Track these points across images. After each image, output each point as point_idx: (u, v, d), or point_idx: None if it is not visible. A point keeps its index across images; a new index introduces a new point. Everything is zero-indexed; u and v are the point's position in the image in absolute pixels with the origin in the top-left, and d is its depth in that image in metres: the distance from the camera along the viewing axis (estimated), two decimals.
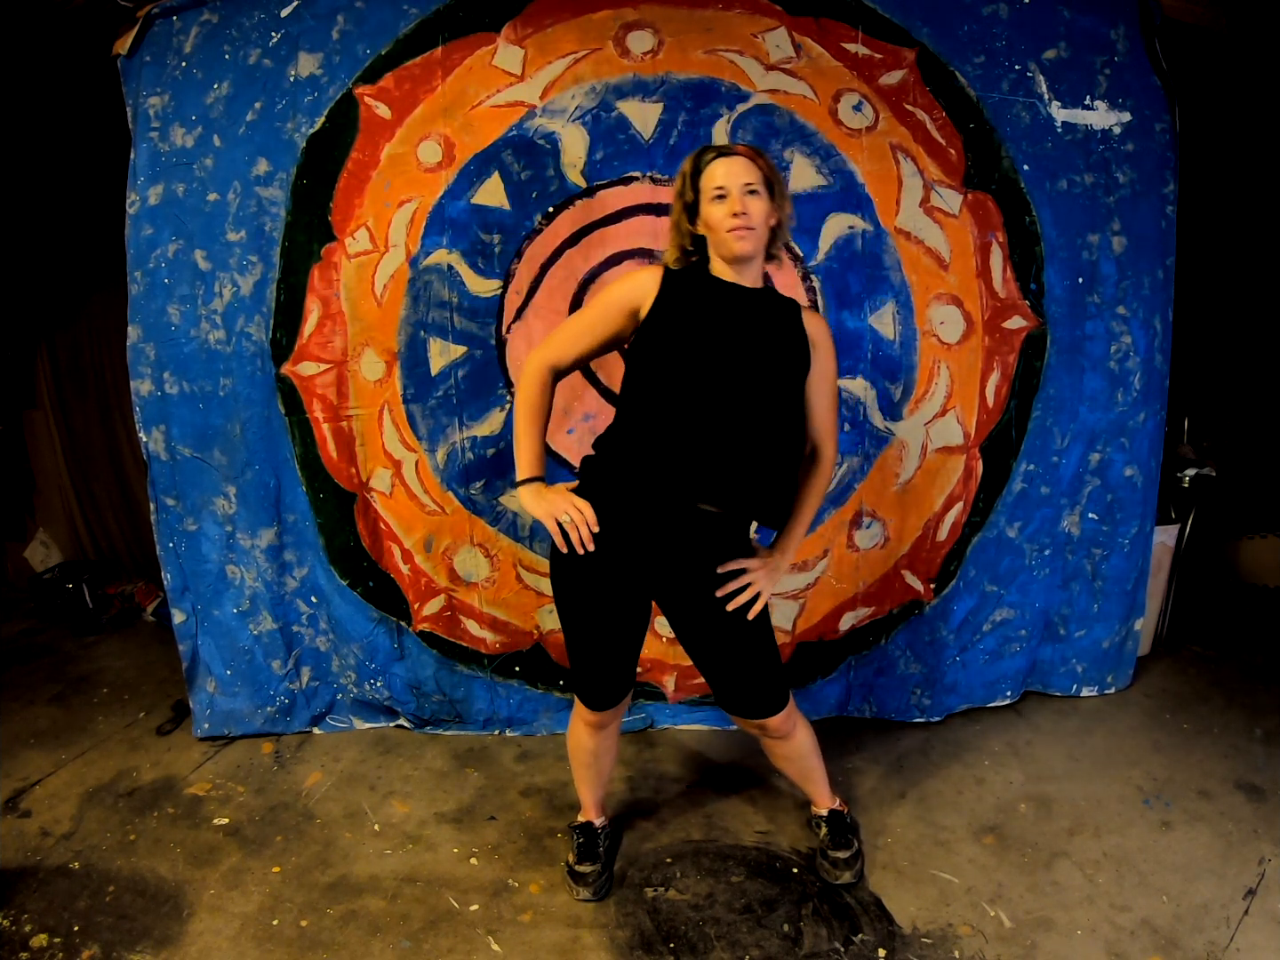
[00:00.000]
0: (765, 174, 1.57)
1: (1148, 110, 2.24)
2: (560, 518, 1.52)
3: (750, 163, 1.56)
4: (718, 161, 1.57)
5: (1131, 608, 2.53)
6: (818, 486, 1.74)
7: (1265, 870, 1.81)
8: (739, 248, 1.54)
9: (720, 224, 1.54)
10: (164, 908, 1.80)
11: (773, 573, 1.65)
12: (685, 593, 1.62)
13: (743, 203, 1.53)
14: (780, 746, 1.80)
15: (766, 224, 1.58)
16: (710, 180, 1.56)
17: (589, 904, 1.79)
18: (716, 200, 1.55)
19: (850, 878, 1.82)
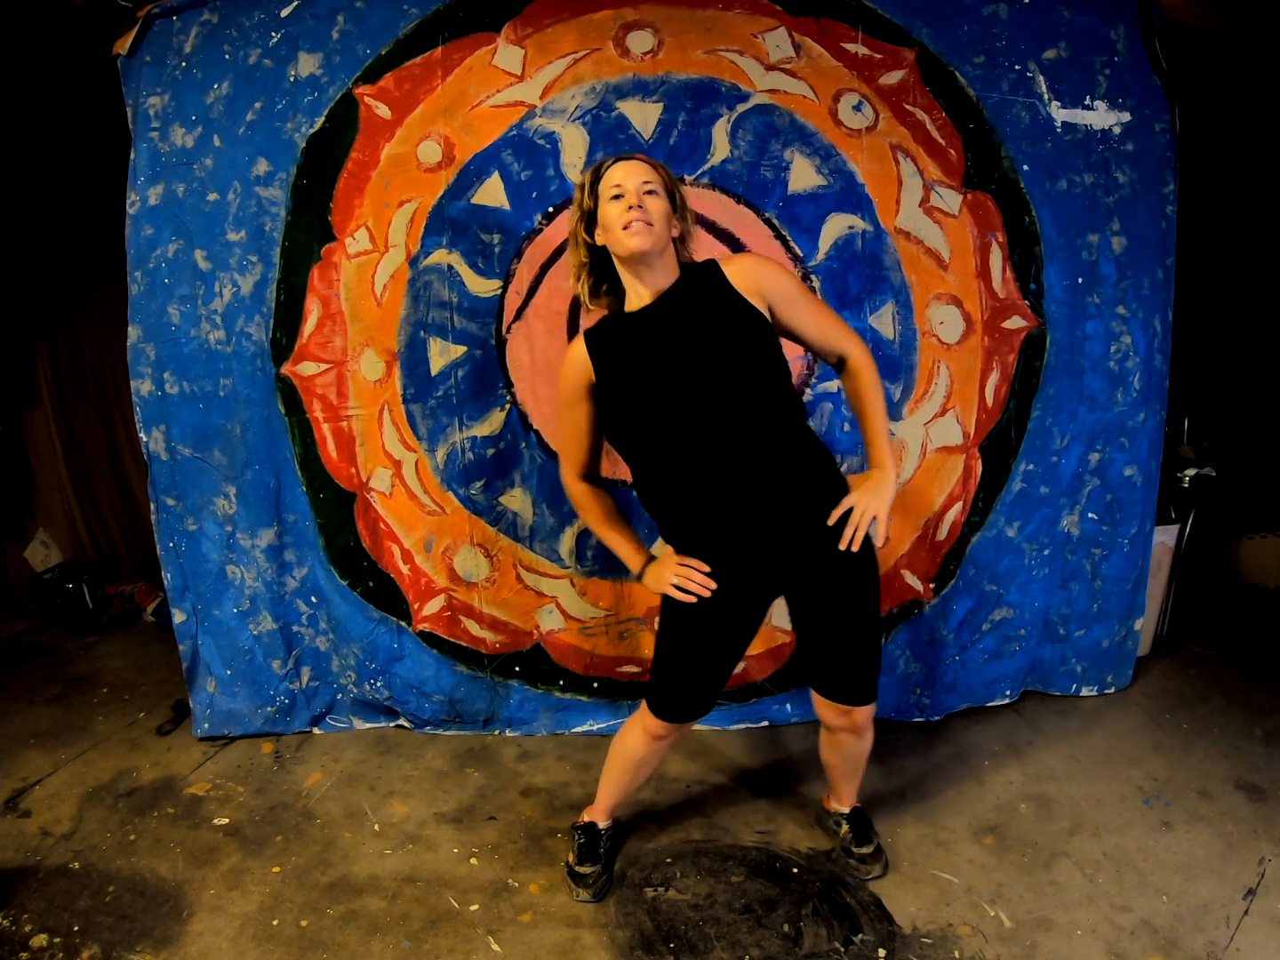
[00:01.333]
0: (665, 180, 1.55)
1: (1148, 110, 2.24)
2: (673, 583, 1.58)
3: (649, 166, 1.54)
4: (616, 165, 1.54)
5: (1131, 607, 2.53)
6: (867, 386, 1.59)
7: (1265, 870, 1.81)
8: (634, 243, 1.48)
9: (616, 221, 1.49)
10: (164, 908, 1.80)
11: (877, 489, 1.54)
12: (805, 576, 1.60)
13: (639, 198, 1.49)
14: (849, 742, 1.77)
15: (666, 225, 1.52)
16: (609, 182, 1.53)
17: (589, 904, 1.79)
18: (614, 200, 1.51)
19: (879, 871, 1.83)
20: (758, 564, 1.58)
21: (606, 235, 1.54)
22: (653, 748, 1.77)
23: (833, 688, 1.68)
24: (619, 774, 1.84)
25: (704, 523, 1.56)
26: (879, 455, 1.59)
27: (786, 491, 1.53)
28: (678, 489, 1.56)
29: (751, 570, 1.59)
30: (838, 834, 1.93)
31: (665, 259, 1.55)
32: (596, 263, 1.61)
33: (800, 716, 2.46)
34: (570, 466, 1.72)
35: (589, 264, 1.60)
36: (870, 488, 1.55)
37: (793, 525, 1.55)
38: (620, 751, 1.82)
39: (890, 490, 1.55)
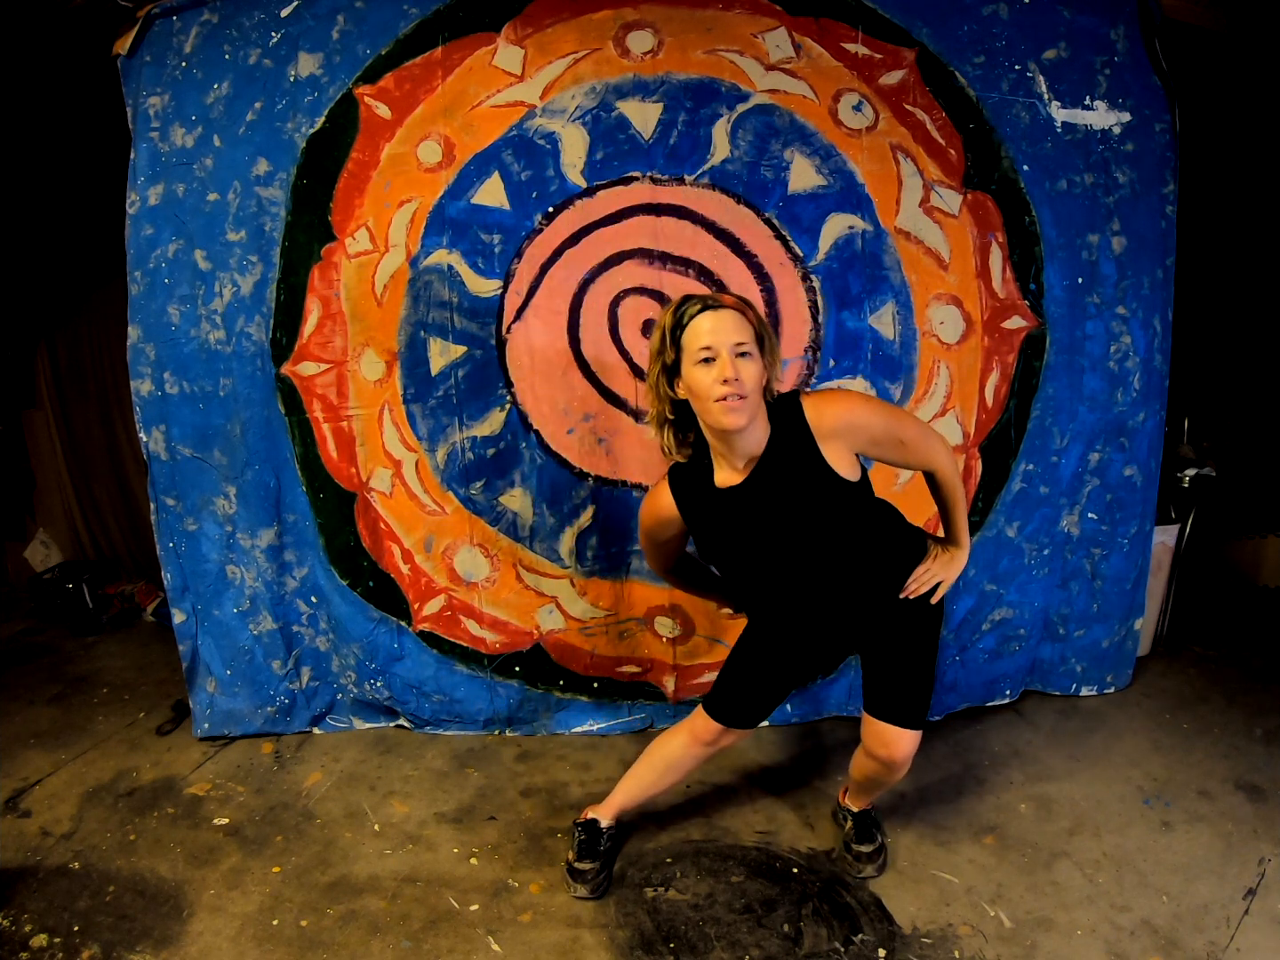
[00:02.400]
0: (756, 329, 1.42)
1: (1148, 110, 2.24)
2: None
3: (740, 316, 1.40)
4: (703, 316, 1.39)
5: (1131, 607, 2.53)
6: (949, 490, 1.64)
7: (1265, 870, 1.81)
8: (729, 421, 1.38)
9: (708, 392, 1.37)
10: (164, 908, 1.80)
11: (950, 563, 1.67)
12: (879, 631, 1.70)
13: (734, 367, 1.35)
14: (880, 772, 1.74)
15: (760, 388, 1.41)
16: (694, 339, 1.38)
17: (589, 904, 1.79)
18: (703, 363, 1.38)
19: (873, 871, 1.84)
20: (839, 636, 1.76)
21: (694, 400, 1.43)
22: (691, 752, 1.84)
23: (882, 705, 1.68)
24: (647, 772, 1.89)
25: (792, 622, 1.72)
26: (960, 538, 1.69)
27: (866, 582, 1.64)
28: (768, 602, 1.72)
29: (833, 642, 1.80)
30: (843, 827, 1.93)
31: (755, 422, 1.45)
32: (679, 415, 1.51)
33: (801, 717, 2.46)
34: (658, 564, 1.83)
35: (674, 420, 1.52)
36: (946, 561, 1.68)
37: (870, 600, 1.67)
38: (658, 751, 1.89)
39: (961, 567, 1.69)
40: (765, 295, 2.20)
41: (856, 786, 1.89)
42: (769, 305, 2.20)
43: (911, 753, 1.67)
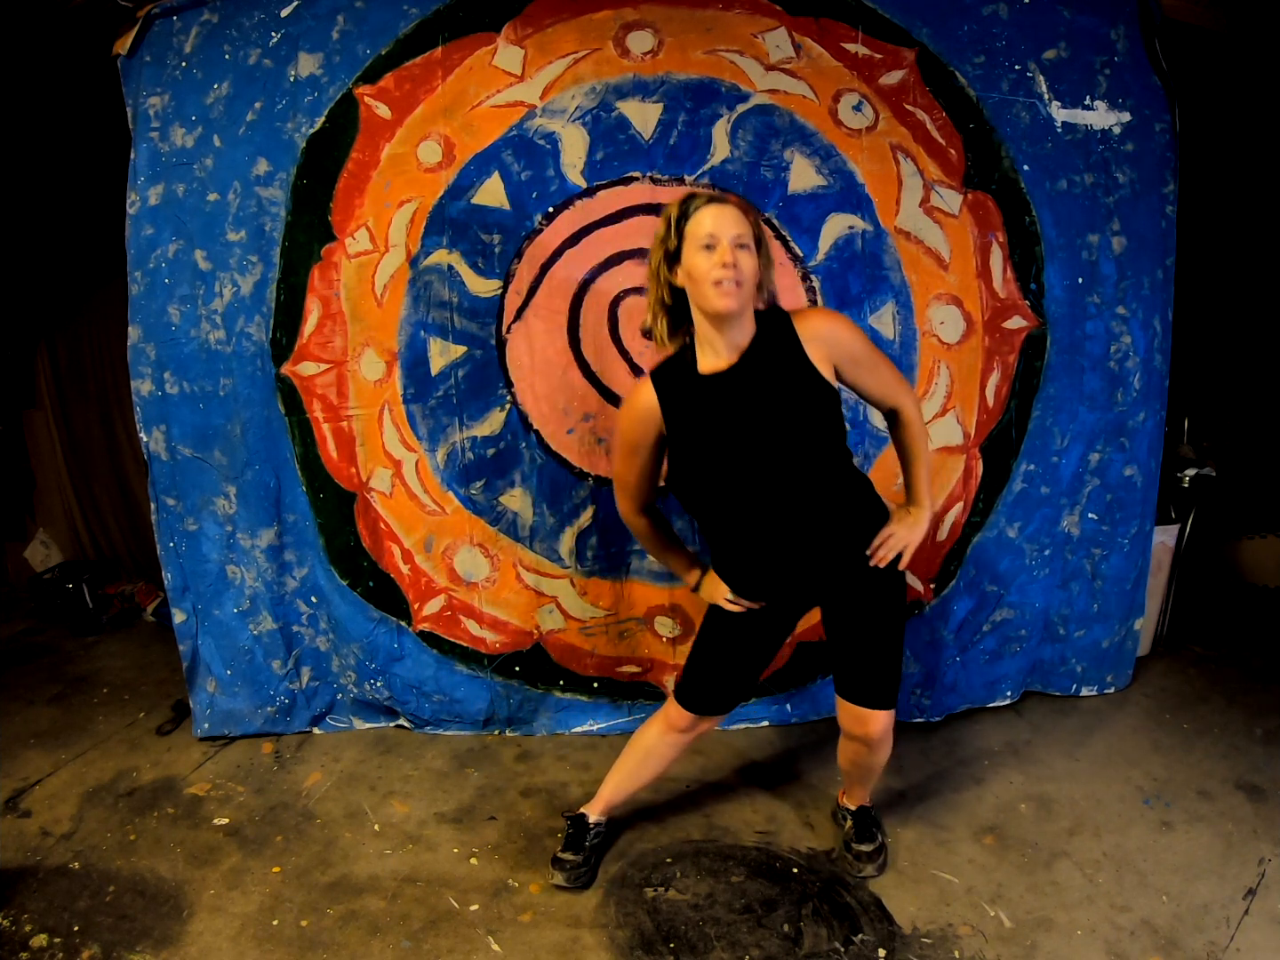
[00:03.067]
0: (754, 229, 1.49)
1: (1148, 110, 2.24)
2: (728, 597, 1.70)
3: (742, 215, 1.47)
4: (709, 208, 1.46)
5: (1131, 608, 2.53)
6: (916, 437, 1.67)
7: (1265, 870, 1.81)
8: (722, 304, 1.44)
9: (706, 275, 1.44)
10: (164, 908, 1.80)
11: (913, 526, 1.65)
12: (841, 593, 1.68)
13: (733, 254, 1.43)
14: (862, 752, 1.76)
15: (754, 281, 1.48)
16: (699, 226, 1.45)
17: (589, 904, 1.79)
18: (705, 250, 1.44)
19: (873, 871, 1.84)
20: (801, 590, 1.71)
21: (691, 284, 1.49)
22: (667, 739, 1.84)
23: (853, 689, 1.70)
24: (628, 763, 1.90)
25: (756, 560, 1.66)
26: (920, 496, 1.68)
27: (833, 530, 1.61)
28: (735, 532, 1.65)
29: (794, 594, 1.72)
30: (843, 827, 1.94)
31: (745, 313, 1.52)
32: (676, 303, 1.55)
33: (800, 716, 2.46)
34: (631, 503, 1.75)
35: (670, 305, 1.55)
36: (909, 523, 1.65)
37: (835, 555, 1.64)
38: (638, 742, 1.89)
39: (925, 527, 1.66)
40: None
41: (847, 776, 1.91)
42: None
43: (888, 728, 1.71)
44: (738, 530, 1.64)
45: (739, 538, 1.65)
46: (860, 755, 1.78)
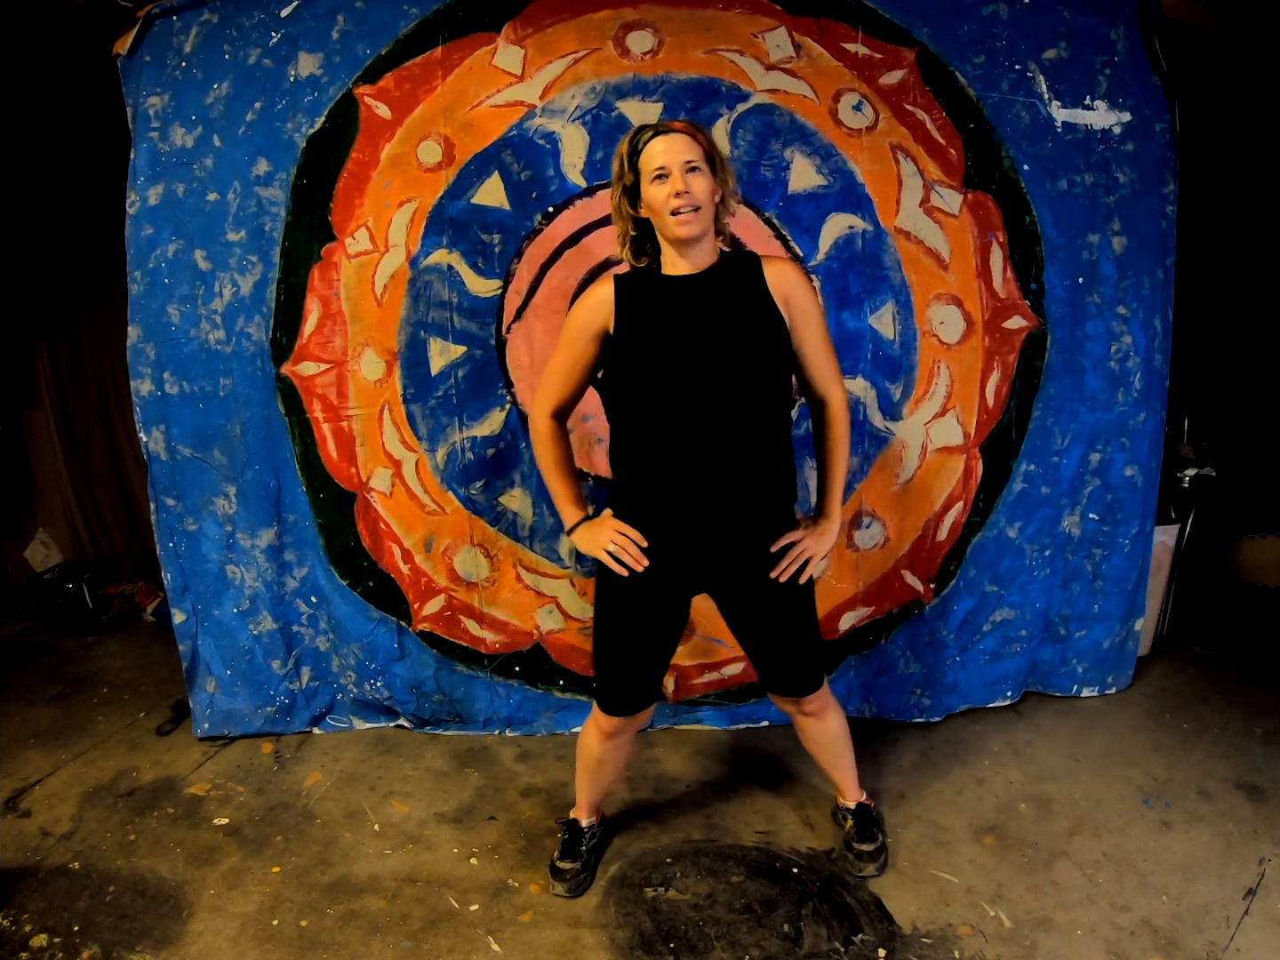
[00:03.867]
0: (706, 149, 1.50)
1: (1148, 110, 2.24)
2: (608, 548, 1.58)
3: (690, 139, 1.49)
4: (656, 140, 1.48)
5: (1131, 608, 2.53)
6: (839, 437, 1.66)
7: (1265, 870, 1.81)
8: (684, 231, 1.48)
9: (663, 206, 1.47)
10: (164, 908, 1.80)
11: (821, 536, 1.63)
12: (736, 581, 1.66)
13: (685, 181, 1.46)
14: (812, 726, 1.82)
15: (711, 201, 1.50)
16: (649, 160, 1.48)
17: (589, 904, 1.79)
18: (658, 180, 1.48)
19: (874, 870, 1.84)
20: (692, 554, 1.62)
21: (652, 215, 1.52)
22: (608, 745, 1.79)
23: (774, 682, 1.76)
24: (584, 773, 1.88)
25: (660, 493, 1.58)
26: (831, 506, 1.67)
27: (746, 493, 1.57)
28: (649, 454, 1.57)
29: (684, 558, 1.62)
30: (843, 827, 1.94)
31: (709, 236, 1.54)
32: (641, 232, 1.59)
33: None
34: (547, 400, 1.67)
35: (636, 236, 1.59)
36: (817, 533, 1.64)
37: (737, 527, 1.59)
38: (583, 751, 1.85)
39: (833, 540, 1.66)
40: None
41: (826, 767, 1.93)
42: None
43: (823, 700, 1.77)
44: (656, 454, 1.56)
45: (654, 462, 1.56)
46: (811, 730, 1.82)
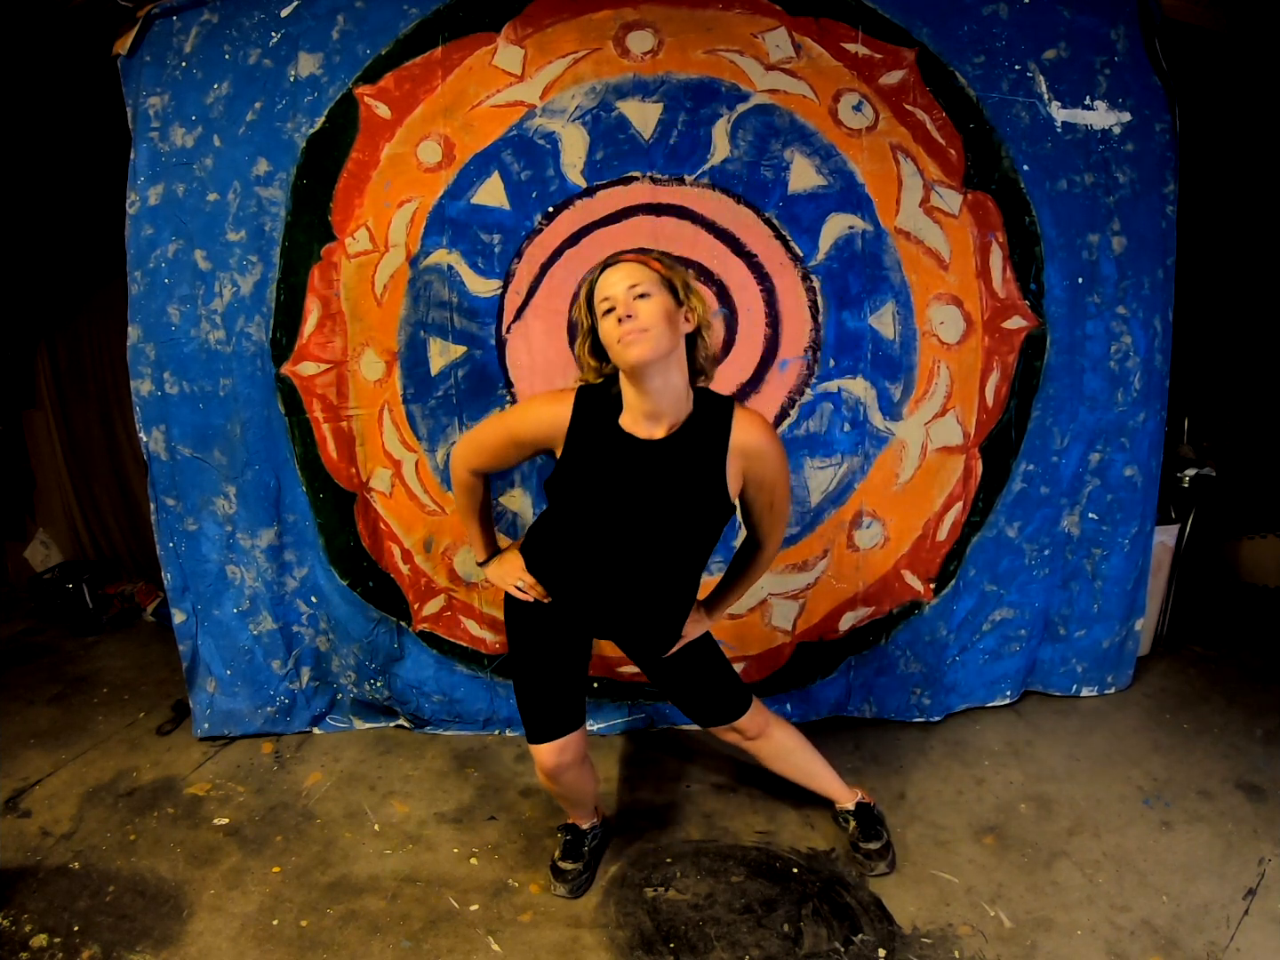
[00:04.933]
0: (661, 274, 1.45)
1: (1148, 110, 2.24)
2: (516, 584, 1.67)
3: (641, 266, 1.44)
4: (606, 273, 1.45)
5: (1131, 608, 2.53)
6: (751, 576, 1.76)
7: (1265, 870, 1.81)
8: (631, 354, 1.39)
9: (610, 335, 1.42)
10: (164, 908, 1.80)
11: (697, 624, 1.75)
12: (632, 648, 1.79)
13: (630, 306, 1.40)
14: (762, 748, 1.88)
15: (668, 324, 1.41)
16: (599, 296, 1.45)
17: (589, 904, 1.79)
18: (606, 315, 1.43)
19: (885, 868, 1.84)
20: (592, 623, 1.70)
21: (610, 352, 1.46)
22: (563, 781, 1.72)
23: (703, 718, 1.85)
24: (559, 800, 1.88)
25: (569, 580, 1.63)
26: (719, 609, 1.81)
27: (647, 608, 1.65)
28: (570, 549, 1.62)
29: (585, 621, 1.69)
30: (847, 829, 1.94)
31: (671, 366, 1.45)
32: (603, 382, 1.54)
33: (799, 716, 2.46)
34: (472, 462, 1.67)
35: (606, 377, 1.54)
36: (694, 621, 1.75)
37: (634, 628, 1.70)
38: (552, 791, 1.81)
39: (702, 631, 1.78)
40: (765, 295, 2.20)
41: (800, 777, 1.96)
42: (769, 305, 2.20)
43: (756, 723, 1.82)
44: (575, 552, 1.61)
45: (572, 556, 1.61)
46: (761, 750, 1.88)
